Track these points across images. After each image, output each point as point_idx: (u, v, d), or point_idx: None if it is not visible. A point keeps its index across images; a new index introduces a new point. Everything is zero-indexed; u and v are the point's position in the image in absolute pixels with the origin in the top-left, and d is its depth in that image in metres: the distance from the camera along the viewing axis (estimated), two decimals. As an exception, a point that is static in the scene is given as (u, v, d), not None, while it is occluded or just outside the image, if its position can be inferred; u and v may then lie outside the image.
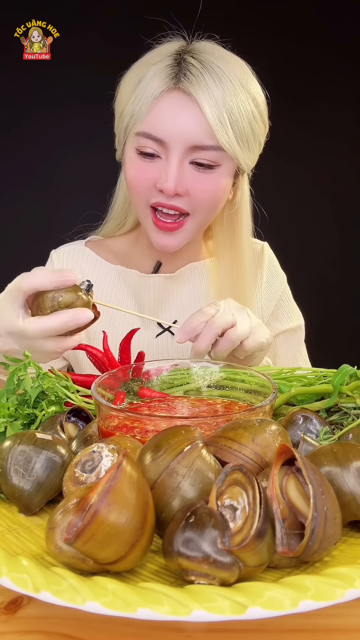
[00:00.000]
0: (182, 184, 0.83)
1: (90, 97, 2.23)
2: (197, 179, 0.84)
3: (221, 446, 0.43)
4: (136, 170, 0.86)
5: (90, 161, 2.20)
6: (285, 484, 0.38)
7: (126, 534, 0.35)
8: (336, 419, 0.59)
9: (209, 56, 0.83)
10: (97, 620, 0.37)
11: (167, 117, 0.81)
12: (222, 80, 0.81)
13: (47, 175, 2.28)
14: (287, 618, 0.36)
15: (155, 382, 0.68)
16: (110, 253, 1.05)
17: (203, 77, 0.80)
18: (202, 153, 0.83)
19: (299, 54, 2.32)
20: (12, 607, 0.38)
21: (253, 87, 0.85)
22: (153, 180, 0.84)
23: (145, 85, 0.82)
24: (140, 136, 0.84)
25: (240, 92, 0.82)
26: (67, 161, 2.27)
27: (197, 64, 0.81)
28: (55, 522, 0.37)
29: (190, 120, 0.81)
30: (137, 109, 0.83)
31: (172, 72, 0.81)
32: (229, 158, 0.85)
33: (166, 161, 0.83)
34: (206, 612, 0.31)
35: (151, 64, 0.83)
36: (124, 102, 0.86)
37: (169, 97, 0.82)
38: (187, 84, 0.80)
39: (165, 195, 0.83)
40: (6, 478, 0.47)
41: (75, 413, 0.59)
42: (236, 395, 0.65)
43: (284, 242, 1.24)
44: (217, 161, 0.84)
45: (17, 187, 2.29)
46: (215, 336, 0.70)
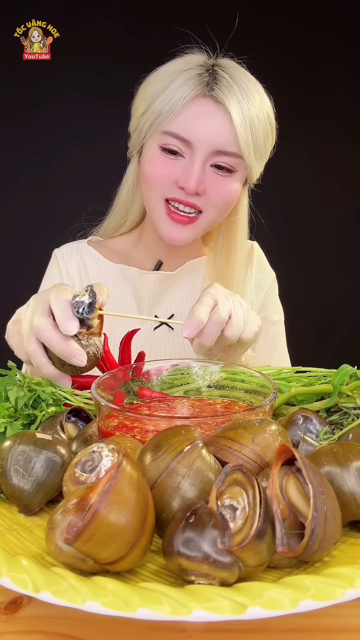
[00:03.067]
0: (202, 184, 0.89)
1: (90, 97, 2.24)
2: (216, 181, 0.90)
3: (221, 446, 0.43)
4: (157, 166, 0.90)
5: (90, 160, 2.21)
6: (285, 484, 0.38)
7: (126, 534, 0.35)
8: (336, 419, 0.59)
9: (237, 72, 0.90)
10: (97, 620, 0.37)
11: (197, 120, 0.87)
12: (248, 95, 0.88)
13: (47, 175, 2.28)
14: (287, 618, 0.36)
15: (155, 382, 0.68)
16: (112, 252, 1.07)
17: (233, 89, 0.87)
18: (224, 158, 0.89)
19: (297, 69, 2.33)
20: (12, 607, 0.38)
21: (268, 105, 0.92)
22: (174, 176, 0.89)
23: (176, 89, 0.87)
24: (167, 135, 0.88)
25: (260, 108, 0.90)
26: (67, 161, 2.27)
27: (228, 77, 0.88)
28: (55, 522, 0.37)
29: (219, 126, 0.87)
30: (167, 109, 0.87)
31: (205, 79, 0.87)
32: (244, 166, 0.92)
33: (190, 161, 0.88)
34: (206, 612, 0.31)
35: (181, 70, 0.89)
36: (147, 102, 0.91)
37: (201, 102, 0.87)
38: (219, 92, 0.87)
39: (186, 193, 0.89)
40: (6, 478, 0.47)
41: (75, 413, 0.59)
42: (236, 395, 0.65)
43: (284, 243, 1.25)
44: (235, 167, 0.90)
45: (18, 187, 2.29)
46: (220, 330, 0.71)
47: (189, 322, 0.67)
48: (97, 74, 2.21)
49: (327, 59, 2.36)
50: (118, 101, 1.00)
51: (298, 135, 2.26)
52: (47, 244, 1.11)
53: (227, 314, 0.71)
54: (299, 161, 2.36)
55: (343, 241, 2.53)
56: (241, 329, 0.73)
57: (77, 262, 1.05)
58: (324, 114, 2.41)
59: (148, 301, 1.03)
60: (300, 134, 2.31)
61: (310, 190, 2.46)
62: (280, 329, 1.14)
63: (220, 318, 0.70)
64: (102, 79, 2.20)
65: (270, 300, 1.14)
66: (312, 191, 2.46)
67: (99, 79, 2.21)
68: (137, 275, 1.02)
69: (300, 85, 2.35)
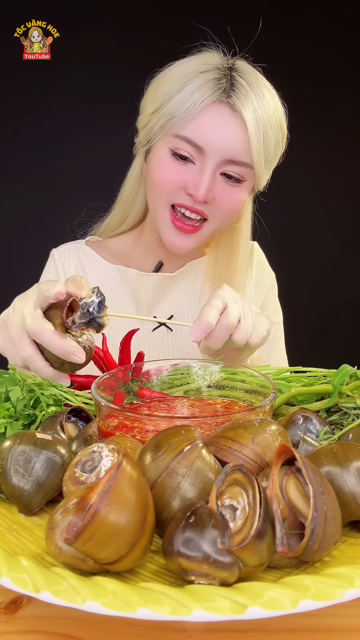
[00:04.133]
0: (212, 193, 0.87)
1: (90, 97, 2.24)
2: (225, 190, 0.89)
3: (221, 446, 0.43)
4: (166, 170, 0.88)
5: (90, 160, 2.21)
6: (285, 484, 0.38)
7: (126, 534, 0.35)
8: (336, 419, 0.59)
9: (253, 78, 0.87)
10: (97, 620, 0.37)
11: (212, 127, 0.85)
12: (263, 103, 0.86)
13: (47, 175, 2.28)
14: (287, 618, 0.36)
15: (155, 382, 0.68)
16: (110, 253, 1.06)
17: (250, 97, 0.85)
18: (234, 167, 0.87)
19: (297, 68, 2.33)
20: (12, 607, 0.38)
21: (281, 112, 0.90)
22: (183, 182, 0.87)
23: (192, 91, 0.84)
24: (179, 139, 0.86)
25: (275, 118, 0.88)
26: (67, 161, 2.27)
27: (245, 84, 0.85)
28: (55, 522, 0.37)
29: (233, 134, 0.85)
30: (182, 112, 0.85)
31: (222, 85, 0.85)
32: (253, 175, 0.90)
33: (200, 168, 0.86)
34: (206, 612, 0.31)
35: (197, 72, 0.86)
36: (159, 101, 0.88)
37: (217, 108, 0.85)
38: (236, 100, 0.84)
39: (195, 200, 0.87)
40: (6, 478, 0.47)
41: (75, 413, 0.59)
42: (236, 395, 0.65)
43: (285, 243, 1.25)
44: (244, 176, 0.89)
45: (17, 187, 2.29)
46: (228, 335, 0.70)
47: (197, 325, 0.66)
48: (97, 74, 2.21)
49: (328, 58, 2.36)
50: (118, 101, 1.00)
51: (298, 135, 2.26)
52: (47, 245, 1.11)
53: (237, 319, 0.70)
54: (299, 162, 2.36)
55: (343, 242, 2.53)
56: (249, 333, 0.72)
57: (74, 262, 1.04)
58: (326, 113, 2.40)
59: (147, 302, 1.02)
60: (301, 133, 2.30)
61: (310, 192, 2.46)
62: (279, 330, 1.14)
63: (230, 323, 0.69)
64: (102, 79, 2.20)
65: (269, 300, 1.14)
66: (312, 192, 2.46)
67: (99, 79, 2.21)
68: (136, 276, 1.01)
69: (301, 85, 2.34)
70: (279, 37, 2.27)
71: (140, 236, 1.05)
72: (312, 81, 2.37)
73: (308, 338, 2.40)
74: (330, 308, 2.52)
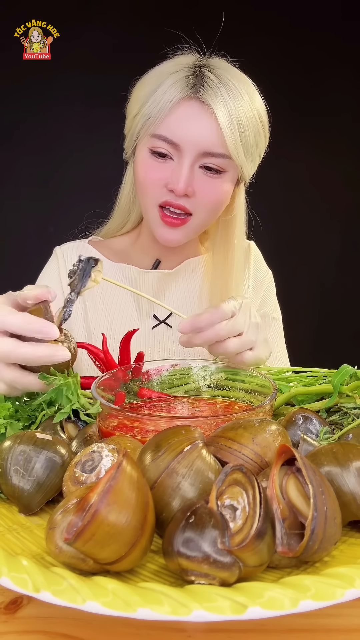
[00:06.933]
0: (191, 186, 0.89)
1: (90, 97, 2.24)
2: (205, 182, 0.90)
3: (221, 446, 0.43)
4: (148, 170, 0.90)
5: (90, 161, 2.21)
6: (285, 484, 0.38)
7: (126, 534, 0.35)
8: (336, 419, 0.59)
9: (224, 72, 0.89)
10: (97, 620, 0.37)
11: (184, 122, 0.87)
12: (235, 95, 0.87)
13: (47, 175, 2.28)
14: (287, 618, 0.36)
15: (155, 382, 0.68)
16: (112, 252, 1.07)
17: (219, 90, 0.86)
18: (212, 159, 0.88)
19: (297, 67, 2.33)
20: (12, 607, 0.38)
21: (259, 104, 0.91)
22: (164, 179, 0.89)
23: (164, 92, 0.87)
24: (155, 138, 0.88)
25: (249, 107, 0.89)
26: (67, 161, 2.27)
27: (214, 78, 0.87)
28: (55, 522, 0.37)
29: (205, 128, 0.87)
30: (155, 113, 0.87)
31: (191, 82, 0.87)
32: (234, 166, 0.91)
33: (178, 163, 0.88)
34: (206, 612, 0.31)
35: (169, 72, 0.88)
36: (138, 105, 0.91)
37: (187, 104, 0.87)
38: (205, 94, 0.86)
39: (175, 194, 0.89)
40: (6, 478, 0.47)
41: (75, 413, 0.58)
42: (236, 395, 0.65)
43: (285, 243, 1.25)
44: (224, 167, 0.90)
45: (18, 187, 2.29)
46: (216, 340, 0.69)
47: (191, 320, 0.66)
48: (97, 74, 2.20)
49: (328, 59, 2.36)
50: (118, 101, 1.00)
51: (297, 133, 2.26)
52: (48, 247, 1.11)
53: (234, 332, 0.69)
54: (298, 160, 2.37)
55: (342, 241, 2.53)
56: (244, 348, 0.70)
57: (76, 258, 1.05)
58: (324, 111, 2.40)
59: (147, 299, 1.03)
60: (299, 132, 2.31)
61: (309, 190, 2.46)
62: (279, 326, 1.15)
63: (223, 331, 0.68)
64: (102, 79, 2.20)
65: (268, 298, 1.14)
66: (311, 190, 2.46)
67: (99, 79, 2.20)
68: (137, 274, 1.03)
69: (299, 83, 2.35)
70: (279, 37, 2.28)
71: (139, 237, 1.07)
72: (312, 81, 2.37)
73: (308, 338, 2.40)
74: (330, 308, 2.52)
